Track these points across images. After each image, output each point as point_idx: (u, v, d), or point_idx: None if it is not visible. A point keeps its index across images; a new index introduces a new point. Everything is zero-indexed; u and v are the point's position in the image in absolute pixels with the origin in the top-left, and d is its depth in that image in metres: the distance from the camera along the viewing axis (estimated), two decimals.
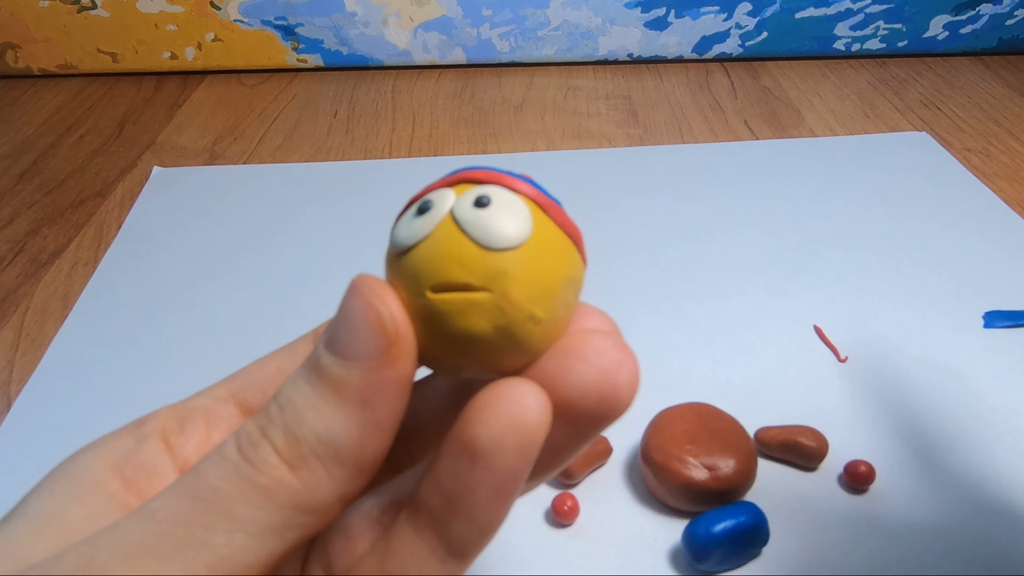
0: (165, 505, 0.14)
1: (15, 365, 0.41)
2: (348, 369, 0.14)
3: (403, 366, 0.15)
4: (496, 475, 0.14)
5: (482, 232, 0.15)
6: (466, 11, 0.67)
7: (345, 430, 0.14)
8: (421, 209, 0.16)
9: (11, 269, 0.48)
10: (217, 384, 0.19)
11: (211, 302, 0.44)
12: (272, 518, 0.14)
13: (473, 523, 0.15)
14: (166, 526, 0.14)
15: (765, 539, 0.29)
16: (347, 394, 0.14)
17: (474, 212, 0.15)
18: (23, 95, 0.68)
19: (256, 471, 0.14)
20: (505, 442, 0.14)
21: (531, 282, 0.15)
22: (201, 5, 0.66)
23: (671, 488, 0.31)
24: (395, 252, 0.16)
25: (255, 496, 0.14)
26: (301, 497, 0.14)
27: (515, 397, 0.14)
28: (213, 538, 0.14)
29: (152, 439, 0.17)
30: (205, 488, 0.14)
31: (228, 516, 0.14)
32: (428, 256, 0.15)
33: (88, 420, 0.37)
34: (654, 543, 0.31)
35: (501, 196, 0.15)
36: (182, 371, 0.40)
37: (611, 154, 0.57)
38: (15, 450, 0.36)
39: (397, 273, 0.15)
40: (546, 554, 0.30)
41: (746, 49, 0.70)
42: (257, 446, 0.14)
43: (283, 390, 0.15)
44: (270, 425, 0.15)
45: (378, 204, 0.52)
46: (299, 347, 0.19)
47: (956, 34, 0.70)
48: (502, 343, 0.15)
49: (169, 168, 0.57)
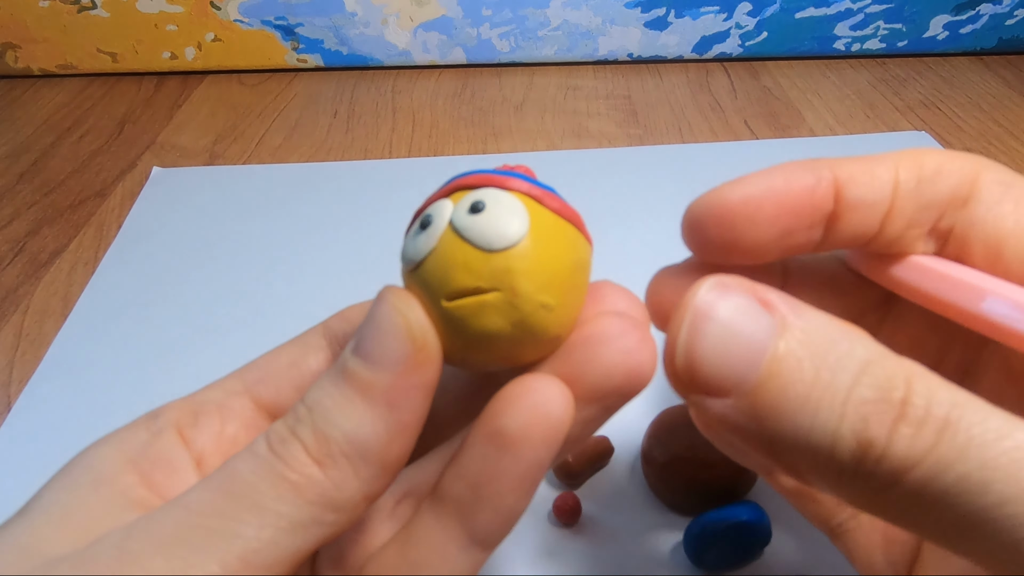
0: (198, 498, 0.15)
1: (15, 365, 0.41)
2: (376, 372, 0.15)
3: (428, 370, 0.16)
4: (522, 464, 0.15)
5: (481, 236, 0.16)
6: (466, 11, 0.67)
7: (372, 430, 0.15)
8: (423, 224, 0.16)
9: (11, 269, 0.48)
10: (229, 377, 0.19)
11: (212, 302, 0.44)
12: (301, 513, 0.14)
13: (497, 511, 0.16)
14: (199, 518, 0.14)
15: (767, 539, 0.29)
16: (374, 396, 0.15)
17: (471, 219, 0.16)
18: (23, 95, 0.68)
19: (287, 467, 0.15)
20: (532, 431, 0.15)
21: (536, 273, 0.16)
22: (201, 5, 0.66)
23: (673, 488, 0.31)
24: (407, 268, 0.17)
25: (286, 491, 0.14)
26: (329, 494, 0.15)
27: (540, 390, 0.15)
28: (244, 531, 0.14)
29: (167, 432, 0.17)
30: (237, 482, 0.15)
31: (259, 510, 0.14)
32: (436, 267, 0.16)
33: (89, 420, 0.37)
34: (656, 543, 0.31)
35: (494, 197, 0.16)
36: (183, 371, 0.40)
37: (611, 154, 0.57)
38: (16, 450, 0.36)
39: (414, 286, 0.16)
40: (548, 554, 0.30)
41: (746, 49, 0.70)
42: (287, 443, 0.15)
43: (311, 393, 0.16)
44: (299, 425, 0.15)
45: (378, 204, 0.52)
46: (309, 339, 0.20)
47: (956, 34, 0.70)
48: (520, 336, 0.16)
49: (169, 168, 0.57)
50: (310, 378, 0.19)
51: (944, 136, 0.59)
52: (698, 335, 0.15)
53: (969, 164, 0.17)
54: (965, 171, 0.17)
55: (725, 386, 0.14)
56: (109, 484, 0.16)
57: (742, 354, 0.14)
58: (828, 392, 0.13)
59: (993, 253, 0.17)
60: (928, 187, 0.17)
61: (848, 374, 0.13)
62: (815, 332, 0.14)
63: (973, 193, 0.17)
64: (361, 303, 0.20)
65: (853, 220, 0.17)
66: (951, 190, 0.17)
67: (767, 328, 0.14)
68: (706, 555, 0.29)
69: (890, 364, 0.13)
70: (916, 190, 0.17)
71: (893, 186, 0.17)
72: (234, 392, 0.19)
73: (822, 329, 0.14)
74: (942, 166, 0.17)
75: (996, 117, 0.62)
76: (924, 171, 0.17)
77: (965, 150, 0.57)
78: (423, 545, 0.16)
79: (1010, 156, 0.57)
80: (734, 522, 0.29)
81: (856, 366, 0.13)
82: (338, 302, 0.21)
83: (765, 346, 0.14)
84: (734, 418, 0.14)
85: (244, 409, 0.19)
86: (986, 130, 0.60)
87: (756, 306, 0.14)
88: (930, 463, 0.13)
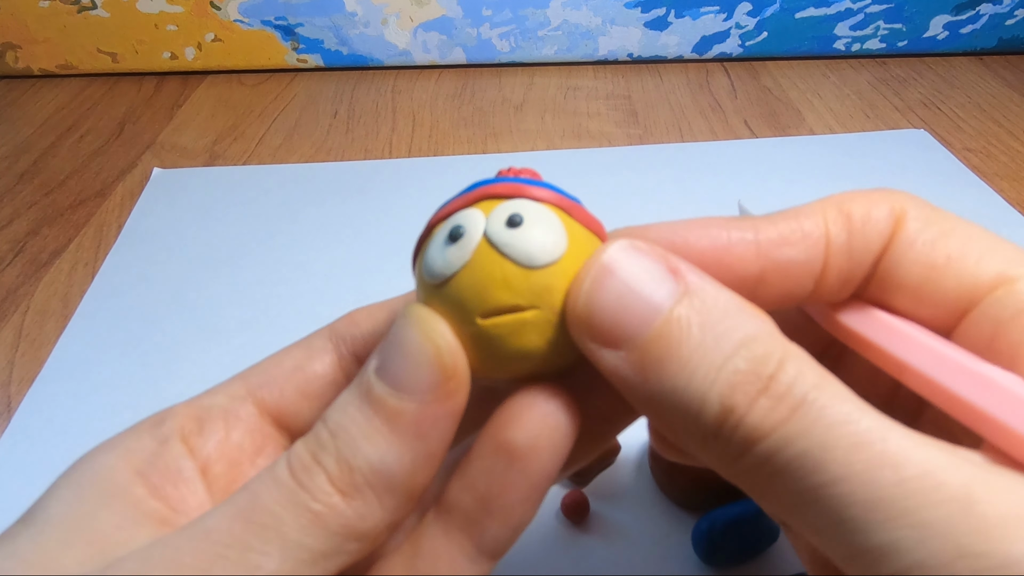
0: (218, 525, 0.14)
1: (15, 365, 0.41)
2: (403, 401, 0.15)
3: (458, 399, 0.15)
4: (531, 477, 0.15)
5: (523, 253, 0.15)
6: (466, 11, 0.67)
7: (398, 461, 0.15)
8: (453, 236, 0.15)
9: (11, 269, 0.47)
10: (232, 380, 0.19)
11: (213, 302, 0.44)
12: (324, 544, 0.14)
13: (505, 522, 0.15)
14: (220, 548, 0.14)
15: (774, 536, 0.29)
16: (402, 426, 0.15)
17: (510, 233, 0.15)
18: (23, 95, 0.67)
19: (310, 496, 0.14)
20: (540, 444, 0.15)
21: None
22: (201, 5, 0.66)
23: (680, 485, 0.31)
24: (433, 283, 0.16)
25: (308, 522, 0.14)
26: (353, 524, 0.14)
27: (548, 401, 0.15)
28: (267, 563, 0.14)
29: (173, 440, 0.17)
30: (259, 511, 0.14)
31: (282, 540, 0.14)
32: (472, 283, 0.15)
33: (91, 421, 0.37)
34: (663, 540, 0.31)
35: (530, 211, 0.16)
36: (184, 371, 0.40)
37: (611, 154, 0.57)
38: (20, 452, 0.36)
39: (440, 303, 0.15)
40: (556, 553, 0.30)
41: (746, 49, 0.70)
42: (311, 472, 0.15)
43: (333, 415, 0.15)
44: (322, 452, 0.15)
45: (378, 204, 0.52)
46: (315, 342, 0.19)
47: (956, 34, 0.70)
48: (552, 354, 0.15)
49: (169, 169, 0.56)
50: (315, 383, 0.19)
51: (944, 136, 0.59)
52: (600, 287, 0.15)
53: (893, 204, 0.17)
54: (892, 212, 0.17)
55: (617, 338, 0.15)
56: (120, 497, 0.16)
57: (638, 311, 0.15)
58: (707, 358, 0.14)
59: (919, 290, 0.16)
60: (859, 239, 0.17)
61: (730, 344, 0.14)
62: (712, 303, 0.14)
63: (897, 232, 0.17)
64: (369, 306, 0.20)
65: (781, 283, 0.17)
66: (881, 237, 0.17)
67: (668, 293, 0.15)
68: (714, 552, 0.29)
69: (771, 343, 0.14)
70: (847, 244, 0.17)
71: (825, 243, 0.17)
72: (238, 397, 0.18)
73: (720, 302, 0.15)
74: (869, 213, 0.17)
75: (996, 117, 0.62)
76: (853, 223, 0.17)
77: (965, 150, 0.57)
78: (431, 557, 0.16)
79: (1010, 156, 0.57)
80: (742, 519, 0.29)
81: (739, 338, 0.14)
82: (338, 302, 0.20)
83: (661, 308, 0.14)
84: (623, 371, 0.15)
85: (249, 415, 0.18)
86: (986, 130, 0.60)
87: (663, 271, 0.15)
88: (777, 436, 0.13)
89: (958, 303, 0.16)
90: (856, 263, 0.17)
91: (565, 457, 0.15)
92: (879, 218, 0.17)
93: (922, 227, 0.16)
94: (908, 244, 0.16)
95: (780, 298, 0.17)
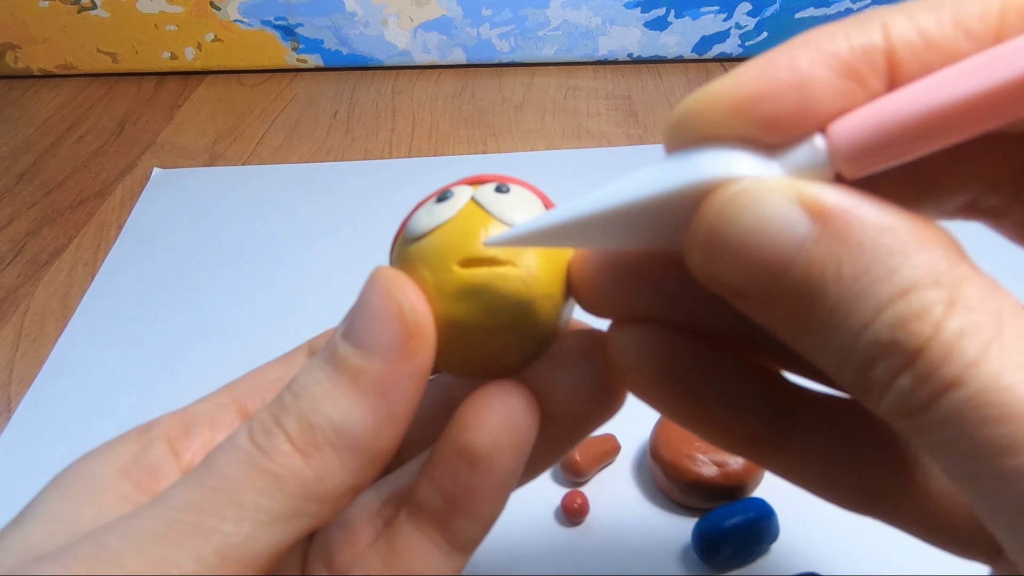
0: (178, 493, 0.14)
1: (15, 365, 0.41)
2: (367, 359, 0.15)
3: (422, 358, 0.15)
4: (495, 476, 0.15)
5: (507, 211, 0.16)
6: (466, 11, 0.67)
7: (361, 420, 0.15)
8: (441, 198, 0.16)
9: (11, 269, 0.47)
10: (219, 391, 0.19)
11: (213, 302, 0.44)
12: (282, 506, 0.14)
13: (475, 519, 0.16)
14: (177, 513, 0.14)
15: (775, 535, 0.29)
16: (365, 384, 0.15)
17: (496, 196, 0.16)
18: (23, 95, 0.67)
19: (267, 458, 0.14)
20: (501, 445, 0.15)
21: (550, 261, 0.16)
22: (201, 5, 0.66)
23: (680, 485, 0.30)
24: (413, 238, 0.16)
25: (266, 484, 0.14)
26: (312, 485, 0.14)
27: (506, 400, 0.15)
28: (223, 525, 0.14)
29: (158, 443, 0.17)
30: (216, 476, 0.14)
31: (238, 504, 0.14)
32: (455, 233, 0.16)
33: (92, 422, 0.37)
34: (664, 540, 0.31)
35: (516, 187, 0.17)
36: (185, 372, 0.40)
37: (611, 154, 0.57)
38: (18, 451, 0.36)
39: (416, 256, 0.16)
40: (556, 552, 0.30)
41: (746, 49, 0.70)
42: (270, 434, 0.15)
43: (298, 378, 0.15)
44: (284, 413, 0.15)
45: (378, 204, 0.52)
46: (296, 357, 0.20)
47: None
48: (517, 322, 0.16)
49: (169, 169, 0.56)
50: None
51: None
52: (725, 221, 0.13)
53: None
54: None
55: (746, 287, 0.13)
56: (103, 492, 0.16)
57: (769, 253, 0.12)
58: (845, 322, 0.12)
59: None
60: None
61: (874, 302, 0.11)
62: (859, 237, 0.12)
63: None
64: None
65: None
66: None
67: (803, 231, 0.12)
68: (715, 552, 0.29)
69: (932, 294, 0.11)
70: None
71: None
72: (222, 404, 0.19)
73: (869, 234, 0.12)
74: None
75: None
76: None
77: None
78: (407, 553, 0.16)
79: None
80: (742, 519, 0.29)
81: (889, 292, 0.11)
82: (338, 302, 0.21)
83: (794, 251, 0.12)
84: (755, 316, 0.13)
85: (233, 421, 0.19)
86: None
87: (799, 211, 0.12)
88: (922, 419, 0.11)
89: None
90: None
91: (528, 453, 0.16)
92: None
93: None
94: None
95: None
